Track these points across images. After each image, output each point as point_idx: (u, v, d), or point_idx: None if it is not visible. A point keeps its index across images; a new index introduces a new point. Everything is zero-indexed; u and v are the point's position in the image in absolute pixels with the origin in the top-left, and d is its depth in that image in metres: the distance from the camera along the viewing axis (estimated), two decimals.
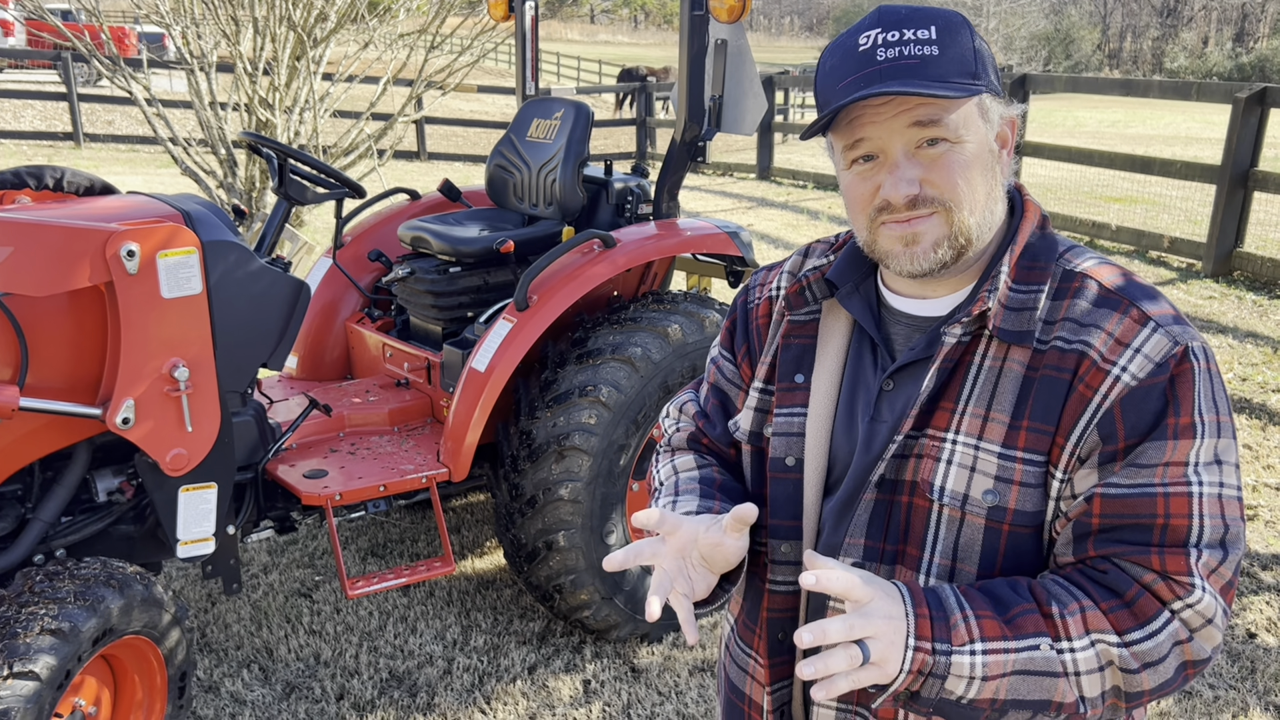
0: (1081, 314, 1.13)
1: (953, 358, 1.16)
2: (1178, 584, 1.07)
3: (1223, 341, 6.23)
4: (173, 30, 7.97)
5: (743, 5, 3.10)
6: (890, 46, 1.11)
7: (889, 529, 1.19)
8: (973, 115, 1.14)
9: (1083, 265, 1.17)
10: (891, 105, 1.12)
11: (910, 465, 1.18)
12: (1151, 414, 1.08)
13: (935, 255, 1.15)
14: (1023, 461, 1.12)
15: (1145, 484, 1.08)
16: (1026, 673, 1.05)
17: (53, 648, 2.18)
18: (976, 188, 1.15)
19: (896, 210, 1.14)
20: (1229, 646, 3.30)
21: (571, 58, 38.58)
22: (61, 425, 2.53)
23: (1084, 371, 1.10)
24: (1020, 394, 1.13)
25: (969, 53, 1.12)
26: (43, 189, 3.01)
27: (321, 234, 8.58)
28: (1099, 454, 1.09)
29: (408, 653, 3.27)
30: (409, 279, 3.55)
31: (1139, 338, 1.09)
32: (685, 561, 1.21)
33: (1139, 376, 1.08)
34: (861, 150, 1.15)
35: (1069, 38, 51.96)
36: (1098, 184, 11.48)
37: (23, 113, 17.32)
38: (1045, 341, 1.13)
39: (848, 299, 1.27)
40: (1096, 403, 1.09)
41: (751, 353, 1.38)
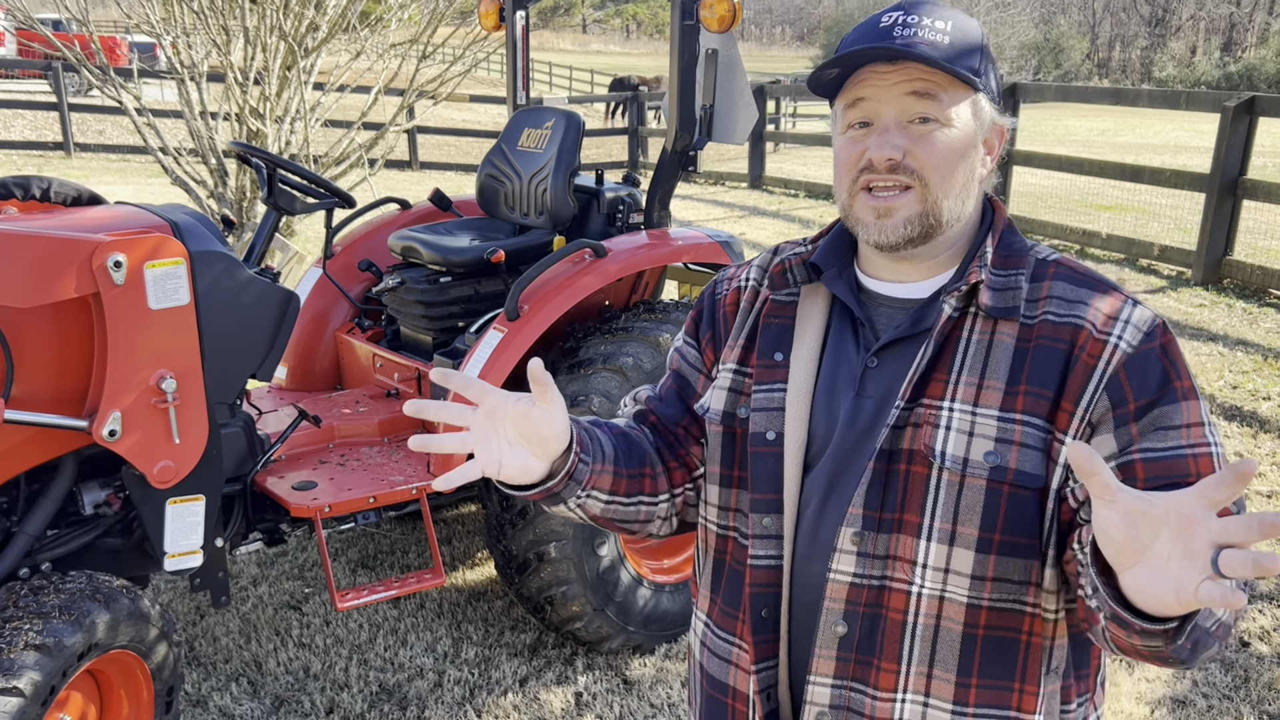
0: (1065, 292, 1.22)
1: (945, 331, 1.23)
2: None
3: (1213, 349, 6.24)
4: (163, 40, 7.95)
5: (733, 15, 3.10)
6: (909, 27, 1.21)
7: (886, 498, 1.23)
8: (967, 109, 1.23)
9: (1050, 256, 1.29)
10: (896, 73, 1.20)
11: (908, 434, 1.22)
12: (1155, 377, 1.16)
13: (904, 230, 1.22)
14: (1022, 423, 1.18)
15: (1176, 445, 1.14)
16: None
17: (37, 663, 2.16)
18: (955, 172, 1.23)
19: (878, 172, 1.22)
20: (1222, 656, 3.29)
21: (563, 67, 38.64)
22: (47, 437, 2.51)
23: (1083, 342, 1.18)
24: (1014, 363, 1.20)
25: (976, 54, 1.22)
26: (29, 199, 2.99)
27: (312, 244, 8.56)
28: (1113, 417, 1.16)
29: (398, 665, 3.25)
30: (399, 289, 3.54)
31: (1124, 312, 1.19)
32: (496, 431, 1.20)
33: (1134, 344, 1.17)
34: (859, 112, 1.24)
35: (1058, 47, 52.23)
36: (1088, 192, 11.52)
37: (13, 122, 17.28)
38: (1033, 316, 1.22)
39: (833, 282, 1.33)
40: (1101, 369, 1.17)
41: (716, 339, 1.43)
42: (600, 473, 1.31)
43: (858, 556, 1.22)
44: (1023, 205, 10.50)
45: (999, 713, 1.21)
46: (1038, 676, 1.22)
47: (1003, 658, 1.21)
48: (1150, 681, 3.18)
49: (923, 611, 1.21)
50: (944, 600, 1.20)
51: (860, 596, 1.23)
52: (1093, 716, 1.31)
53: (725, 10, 3.07)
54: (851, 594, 1.23)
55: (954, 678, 1.21)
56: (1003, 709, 1.21)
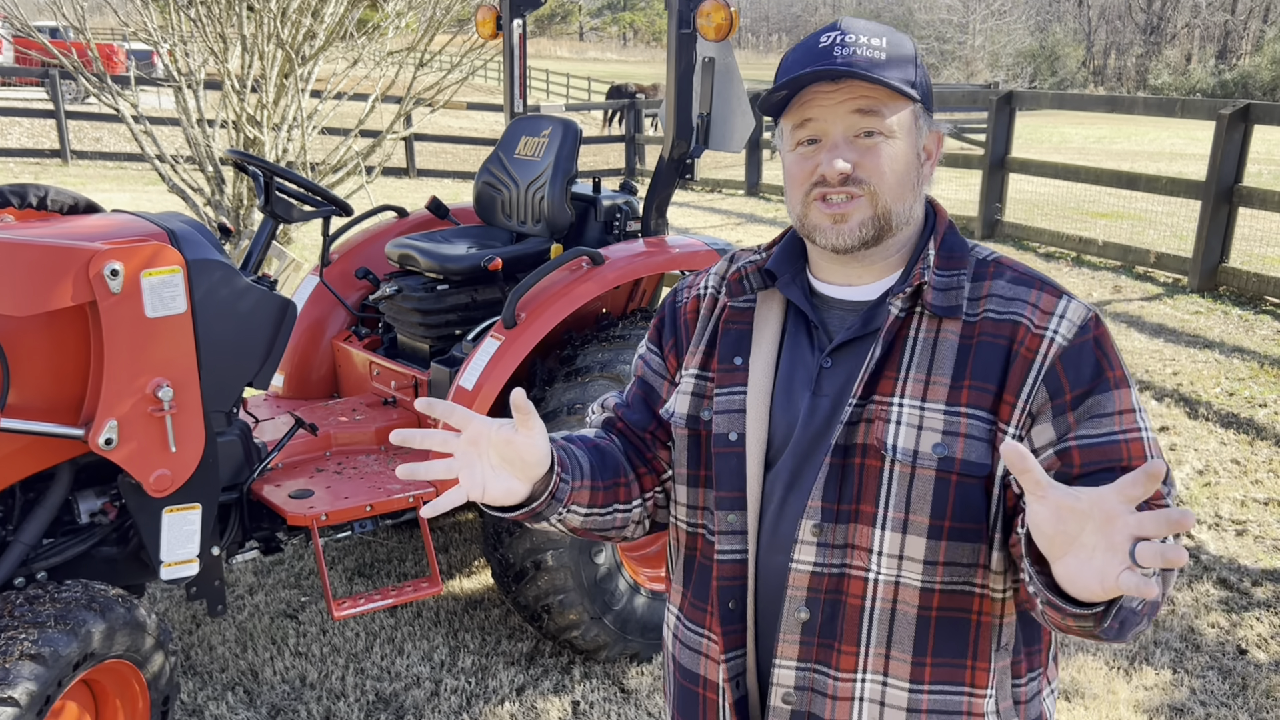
0: (1005, 290, 1.30)
1: (893, 330, 1.30)
2: (1159, 504, 1.19)
3: (1209, 356, 6.25)
4: (161, 48, 7.95)
5: (730, 23, 3.10)
6: (846, 46, 1.28)
7: (843, 490, 1.30)
8: (907, 119, 1.31)
9: (990, 256, 1.36)
10: (840, 91, 1.28)
11: (861, 429, 1.29)
12: (1089, 367, 1.25)
13: (859, 233, 1.30)
14: (967, 416, 1.26)
15: (1109, 432, 1.23)
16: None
17: (33, 673, 2.15)
18: (902, 180, 1.31)
19: (831, 185, 1.29)
20: (1220, 664, 3.29)
21: (560, 74, 38.70)
22: (43, 446, 2.50)
23: (1021, 337, 1.26)
24: (959, 359, 1.28)
25: (911, 67, 1.30)
26: (26, 207, 2.98)
27: (308, 251, 8.56)
28: (1051, 407, 1.24)
29: (394, 674, 3.24)
30: (396, 297, 3.53)
31: (1060, 307, 1.27)
32: (480, 457, 1.25)
33: (1069, 338, 1.25)
34: (807, 131, 1.31)
35: (1054, 54, 52.36)
36: (1084, 199, 11.54)
37: (10, 130, 17.28)
38: (974, 314, 1.29)
39: (787, 287, 1.40)
40: (1039, 363, 1.25)
41: (679, 345, 1.49)
42: (579, 489, 1.36)
43: (817, 547, 1.30)
44: (1019, 212, 10.52)
45: (953, 689, 1.29)
46: (988, 653, 1.30)
47: (955, 637, 1.29)
48: (1148, 690, 3.18)
49: (879, 596, 1.28)
50: (899, 585, 1.27)
51: (821, 584, 1.30)
52: (1045, 690, 1.39)
53: (722, 18, 3.08)
54: (813, 582, 1.30)
55: (910, 657, 1.28)
56: (956, 685, 1.29)
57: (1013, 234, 9.81)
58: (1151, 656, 3.33)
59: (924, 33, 51.28)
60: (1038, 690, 1.37)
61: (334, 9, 8.01)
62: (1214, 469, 4.73)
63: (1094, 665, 3.28)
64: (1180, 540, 1.00)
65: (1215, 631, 3.47)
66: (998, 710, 1.32)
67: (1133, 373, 1.25)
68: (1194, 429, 5.18)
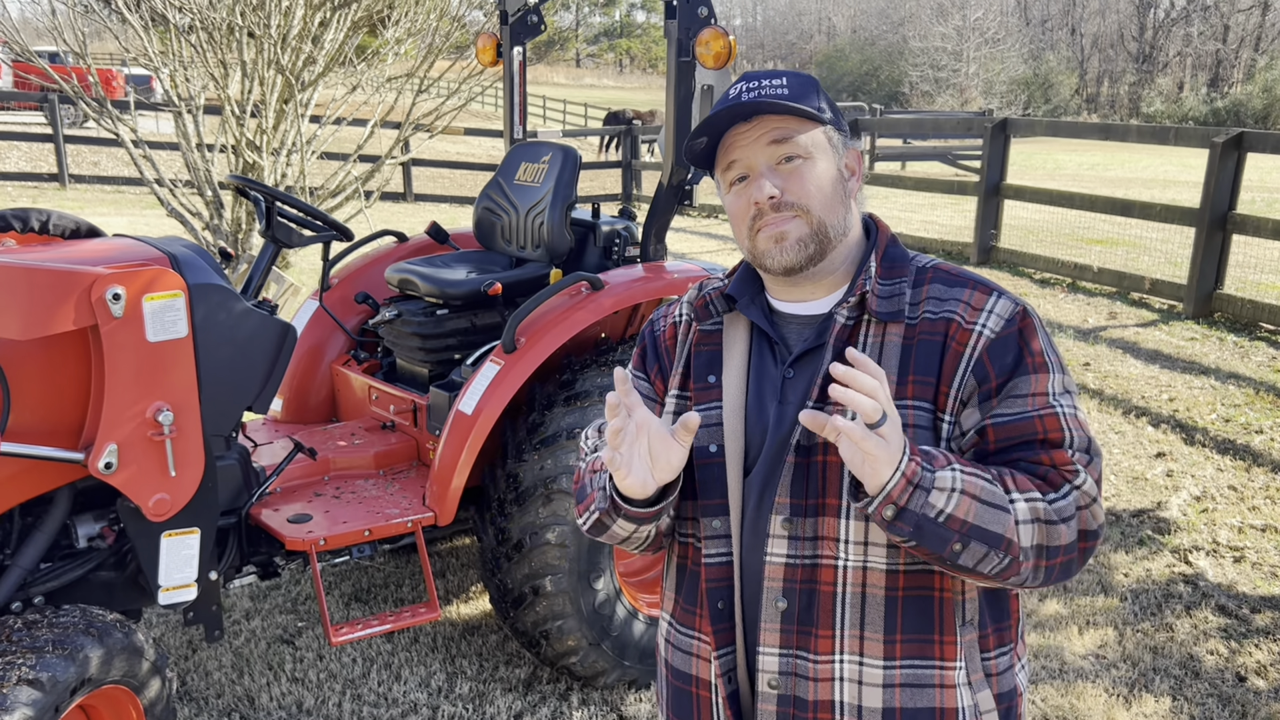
0: (940, 293, 1.43)
1: (843, 338, 1.42)
2: (1067, 470, 1.34)
3: (1205, 383, 6.27)
4: (161, 73, 7.99)
5: (728, 52, 3.13)
6: (753, 90, 1.44)
7: (809, 486, 1.40)
8: (820, 140, 1.45)
9: (928, 263, 1.49)
10: (754, 129, 1.43)
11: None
12: (1012, 356, 1.37)
13: (800, 250, 1.43)
14: (913, 409, 1.39)
15: (1023, 410, 1.36)
16: (989, 503, 1.28)
17: (30, 699, 2.14)
18: (828, 195, 1.44)
19: (765, 213, 1.43)
20: (1219, 691, 3.28)
21: (557, 101, 38.92)
22: (42, 470, 2.49)
23: (954, 332, 1.39)
24: (902, 358, 1.40)
25: (813, 97, 1.44)
26: (28, 231, 3.00)
27: (307, 275, 8.57)
28: (978, 394, 1.37)
29: (391, 700, 3.22)
30: (396, 321, 3.54)
31: (989, 303, 1.40)
32: (638, 440, 1.37)
33: (996, 330, 1.38)
34: (735, 171, 1.46)
35: (1047, 82, 52.78)
36: (1078, 226, 11.60)
37: (8, 154, 17.32)
38: (914, 318, 1.42)
39: (748, 309, 1.52)
40: (968, 355, 1.38)
41: (663, 370, 1.61)
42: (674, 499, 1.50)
43: (789, 540, 1.40)
44: (1014, 238, 10.57)
45: (923, 663, 1.39)
46: (954, 628, 1.40)
47: (921, 614, 1.39)
48: (1148, 716, 3.17)
49: (850, 582, 1.39)
50: (866, 570, 1.38)
51: (795, 575, 1.40)
52: (1016, 666, 1.48)
53: (721, 47, 3.11)
54: (787, 573, 1.41)
55: (881, 636, 1.39)
56: (926, 659, 1.39)
57: (1008, 260, 9.86)
58: (1151, 683, 3.32)
59: (918, 60, 51.70)
60: (1009, 665, 1.46)
61: (334, 35, 8.06)
62: (1211, 495, 4.74)
63: (1093, 692, 3.28)
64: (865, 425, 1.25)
65: (1214, 658, 3.47)
66: (969, 682, 1.41)
67: (1061, 361, 1.34)
68: (1190, 455, 5.19)
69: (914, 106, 47.73)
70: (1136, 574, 4.04)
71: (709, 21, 3.16)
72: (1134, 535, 4.36)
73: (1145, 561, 4.14)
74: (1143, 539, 4.32)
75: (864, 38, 66.69)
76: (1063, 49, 59.32)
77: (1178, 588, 3.93)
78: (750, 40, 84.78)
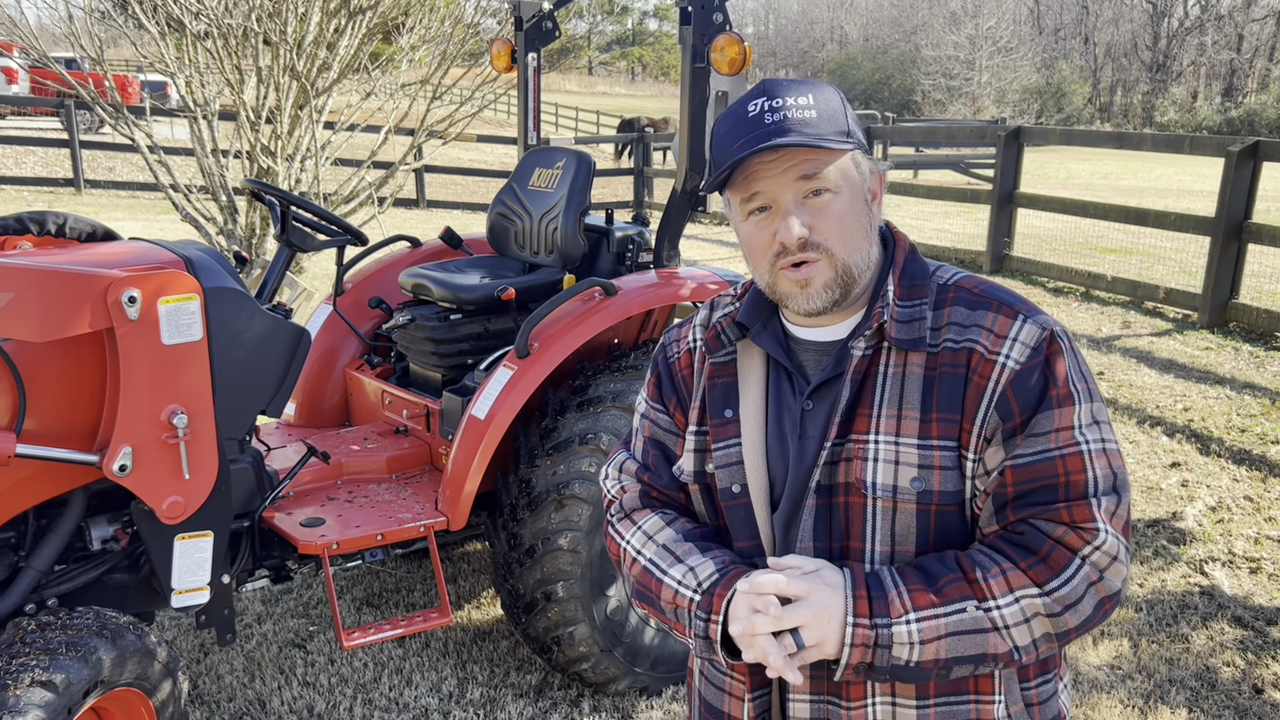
0: (962, 317, 1.33)
1: (861, 369, 1.34)
2: (1085, 530, 1.25)
3: (1220, 393, 6.23)
4: (176, 79, 8.04)
5: (744, 58, 3.13)
6: (775, 111, 1.30)
7: (831, 529, 1.34)
8: (848, 168, 1.33)
9: (951, 279, 1.38)
10: (781, 160, 1.30)
11: (842, 469, 1.33)
12: (1037, 389, 1.28)
13: (826, 295, 1.34)
14: (939, 449, 1.30)
15: (1044, 449, 1.27)
16: (959, 633, 1.24)
17: (43, 700, 2.14)
18: (854, 232, 1.34)
19: (791, 252, 1.32)
20: (1236, 703, 3.25)
21: (569, 108, 39.01)
22: (57, 472, 2.50)
23: (975, 364, 1.30)
24: (925, 392, 1.31)
25: (840, 117, 1.32)
26: (45, 235, 3.01)
27: (320, 280, 8.60)
28: (1001, 431, 1.28)
29: (403, 705, 3.22)
30: (409, 326, 3.55)
31: (1014, 329, 1.30)
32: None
33: (1021, 361, 1.28)
34: (757, 202, 1.33)
35: (1060, 91, 52.65)
36: (1092, 234, 11.56)
37: (25, 159, 17.44)
38: (936, 345, 1.32)
39: (759, 337, 1.43)
40: (991, 389, 1.28)
41: (681, 401, 1.52)
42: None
43: None
44: (1027, 247, 10.53)
45: (958, 698, 1.33)
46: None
47: None
48: None
49: None
50: None
51: None
52: (1059, 689, 1.42)
53: (736, 53, 3.10)
54: None
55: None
56: (961, 694, 1.33)
57: (1021, 268, 9.83)
58: (1167, 695, 3.29)
59: (931, 69, 51.64)
60: (1053, 692, 1.40)
61: (349, 42, 8.10)
62: (1227, 505, 4.70)
63: (1108, 703, 3.25)
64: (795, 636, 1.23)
65: (1231, 670, 3.44)
66: (1009, 714, 1.35)
67: (1091, 388, 1.27)
68: (1206, 465, 5.16)
69: (926, 115, 47.69)
70: (1152, 585, 4.01)
71: (724, 27, 3.16)
72: (1149, 546, 4.33)
73: (1160, 572, 4.11)
74: (1158, 550, 4.28)
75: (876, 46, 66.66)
76: (1076, 58, 59.18)
77: (1193, 599, 3.90)
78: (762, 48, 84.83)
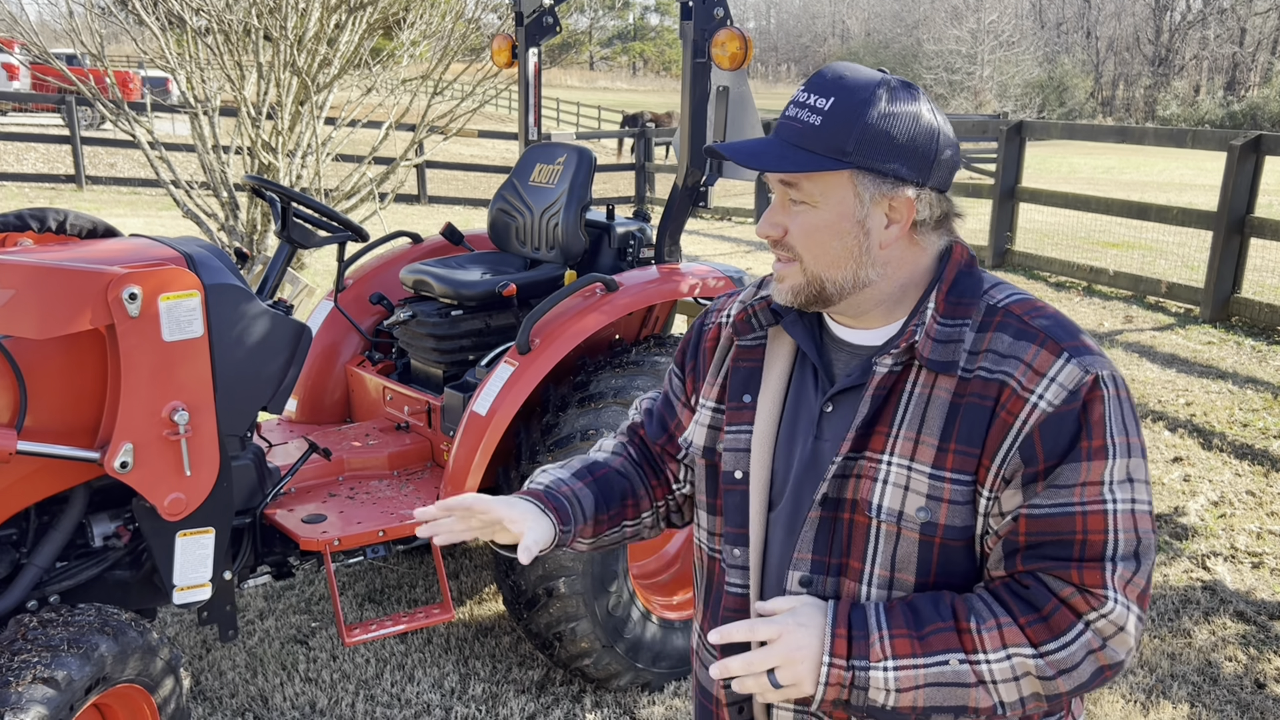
0: (1003, 346, 1.24)
1: (885, 385, 1.27)
2: (1093, 596, 1.19)
3: (1222, 387, 6.22)
4: (177, 75, 8.03)
5: (745, 53, 3.12)
6: (796, 105, 1.28)
7: (833, 544, 1.30)
8: (836, 187, 1.26)
9: (1004, 301, 1.29)
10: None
11: (850, 484, 1.29)
12: (1067, 437, 1.19)
13: (793, 297, 1.32)
14: (951, 481, 1.23)
15: (1065, 503, 1.19)
16: (938, 684, 1.19)
17: (45, 697, 2.14)
18: (828, 248, 1.27)
19: (771, 244, 1.33)
20: (1238, 698, 3.25)
21: (571, 103, 38.96)
22: (59, 469, 2.50)
23: (1005, 399, 1.21)
24: (947, 419, 1.24)
25: (849, 131, 1.22)
26: (45, 231, 3.01)
27: (322, 277, 8.59)
28: (1022, 475, 1.21)
29: (404, 701, 3.22)
30: (410, 322, 3.54)
31: (1054, 368, 1.20)
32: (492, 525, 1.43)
33: (1055, 403, 1.19)
34: (774, 191, 1.34)
35: (1062, 85, 52.56)
36: (1094, 229, 11.54)
37: (25, 155, 17.43)
38: (970, 370, 1.24)
39: (792, 326, 1.38)
40: (1017, 428, 1.20)
41: (696, 372, 1.52)
42: (581, 529, 1.51)
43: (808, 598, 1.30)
44: (1029, 242, 10.52)
45: None
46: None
47: None
48: None
49: None
50: None
51: None
52: None
53: (737, 48, 3.10)
54: None
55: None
56: None
57: (1023, 263, 9.82)
58: (1169, 690, 3.29)
59: (933, 63, 51.55)
60: None
61: (349, 37, 8.09)
62: (1229, 500, 4.70)
63: (1110, 698, 3.25)
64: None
65: (1233, 665, 3.44)
66: None
67: (1133, 442, 1.22)
68: (1208, 460, 5.15)
69: None
70: (1154, 580, 4.00)
71: (725, 22, 3.15)
72: None
73: (1163, 567, 4.10)
74: (1160, 544, 4.28)
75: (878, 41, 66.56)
76: (1078, 52, 59.08)
77: (1195, 594, 3.90)
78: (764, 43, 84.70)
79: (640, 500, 1.57)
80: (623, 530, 1.57)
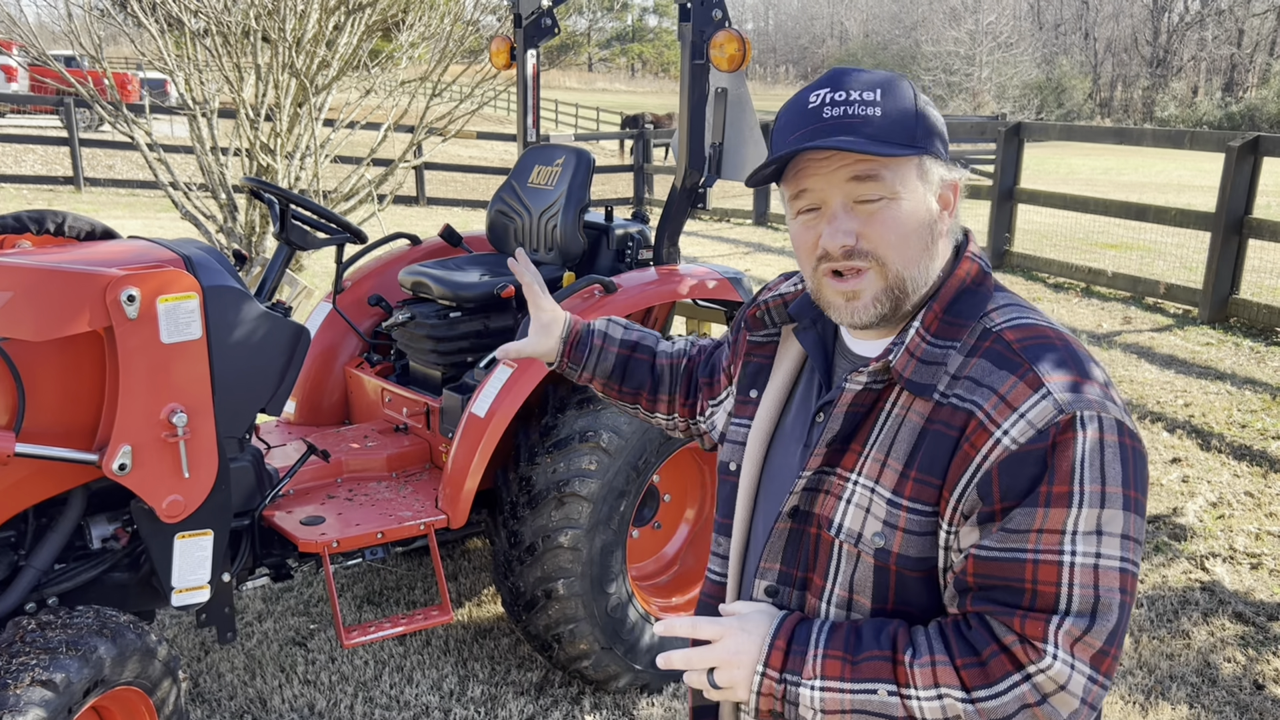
0: (979, 374, 1.17)
1: (864, 402, 1.23)
2: (1033, 649, 1.10)
3: (1221, 388, 6.22)
4: (176, 76, 8.03)
5: (743, 54, 3.12)
6: (836, 105, 1.18)
7: (800, 557, 1.28)
8: (910, 175, 1.20)
9: (1000, 325, 1.20)
10: (833, 160, 1.18)
11: (819, 499, 1.26)
12: (1027, 479, 1.11)
13: (874, 310, 1.22)
14: (908, 510, 1.18)
15: (1016, 548, 1.11)
16: (864, 711, 1.15)
17: (43, 700, 2.14)
18: (911, 243, 1.20)
19: (835, 259, 1.21)
20: (1236, 699, 3.25)
21: (569, 105, 38.97)
22: (57, 471, 2.50)
23: (971, 431, 1.15)
24: (914, 445, 1.19)
25: (910, 117, 1.19)
26: (44, 233, 3.00)
27: (321, 278, 8.59)
28: (979, 513, 1.14)
29: (403, 703, 3.22)
30: (409, 324, 3.54)
31: (1027, 403, 1.12)
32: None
33: (1019, 441, 1.11)
34: (805, 201, 1.23)
35: (1060, 87, 52.60)
36: (1092, 230, 11.55)
37: (24, 157, 17.43)
38: (946, 396, 1.18)
39: (803, 333, 1.37)
40: (978, 463, 1.14)
41: (734, 353, 1.55)
42: (588, 379, 1.72)
43: (773, 607, 1.29)
44: (1027, 243, 10.53)
45: None
46: None
47: None
48: None
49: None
50: None
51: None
52: None
53: (735, 49, 3.10)
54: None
55: None
56: None
57: (1021, 264, 9.82)
58: (1168, 691, 3.29)
59: (931, 65, 51.60)
60: None
61: (348, 39, 8.09)
62: (1227, 501, 4.70)
63: (1109, 699, 3.25)
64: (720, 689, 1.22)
65: (1232, 666, 3.44)
66: None
67: (1108, 492, 1.12)
68: (1206, 461, 5.16)
69: None
70: (1153, 580, 4.01)
71: (723, 24, 3.15)
72: (1150, 542, 4.33)
73: (1161, 568, 4.11)
74: (1159, 545, 4.28)
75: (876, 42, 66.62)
76: (1076, 53, 59.13)
77: (1194, 595, 3.90)
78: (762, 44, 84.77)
79: (657, 402, 1.70)
80: (636, 409, 1.73)
